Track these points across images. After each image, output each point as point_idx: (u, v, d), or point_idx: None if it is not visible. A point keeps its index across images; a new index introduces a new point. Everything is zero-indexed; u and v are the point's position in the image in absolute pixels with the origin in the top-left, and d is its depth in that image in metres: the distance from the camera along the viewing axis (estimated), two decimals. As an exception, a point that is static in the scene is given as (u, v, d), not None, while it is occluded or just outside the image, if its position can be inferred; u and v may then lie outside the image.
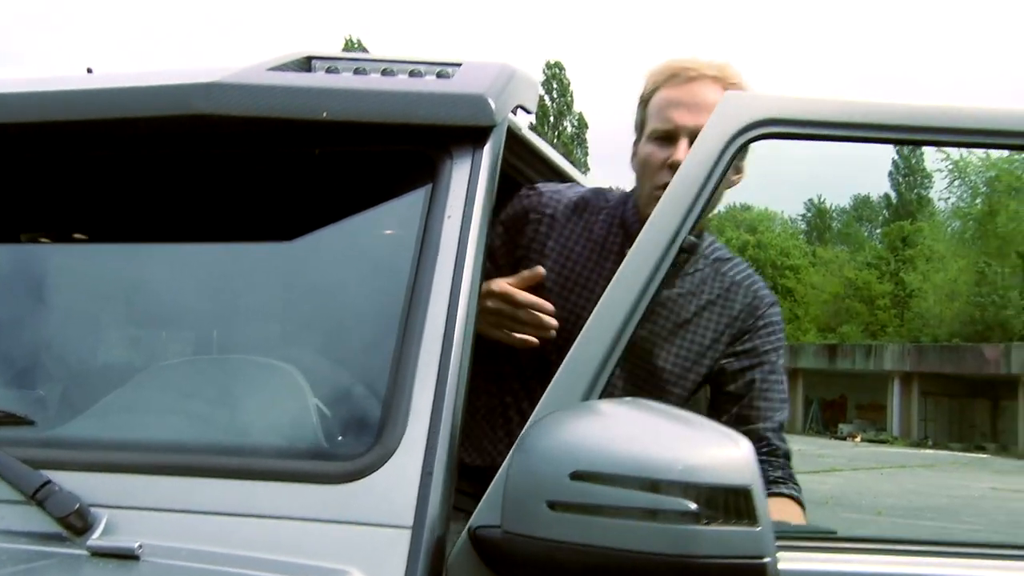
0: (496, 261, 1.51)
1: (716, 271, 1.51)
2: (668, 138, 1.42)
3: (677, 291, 1.47)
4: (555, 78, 45.21)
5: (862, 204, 42.14)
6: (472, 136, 1.19)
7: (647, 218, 1.40)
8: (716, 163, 1.12)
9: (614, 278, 1.07)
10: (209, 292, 1.28)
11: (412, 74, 1.26)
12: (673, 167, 1.39)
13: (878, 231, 41.28)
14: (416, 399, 1.01)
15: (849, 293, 33.51)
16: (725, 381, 1.49)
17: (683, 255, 1.12)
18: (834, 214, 44.22)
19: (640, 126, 1.49)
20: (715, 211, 1.56)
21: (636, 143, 1.51)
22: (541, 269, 1.44)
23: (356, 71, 1.24)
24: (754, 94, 1.19)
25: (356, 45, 38.78)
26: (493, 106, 1.19)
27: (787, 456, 1.48)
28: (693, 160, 1.12)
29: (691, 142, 1.35)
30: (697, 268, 1.50)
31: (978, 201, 29.59)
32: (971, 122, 1.15)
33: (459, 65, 1.30)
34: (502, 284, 1.40)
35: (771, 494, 1.31)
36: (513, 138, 1.46)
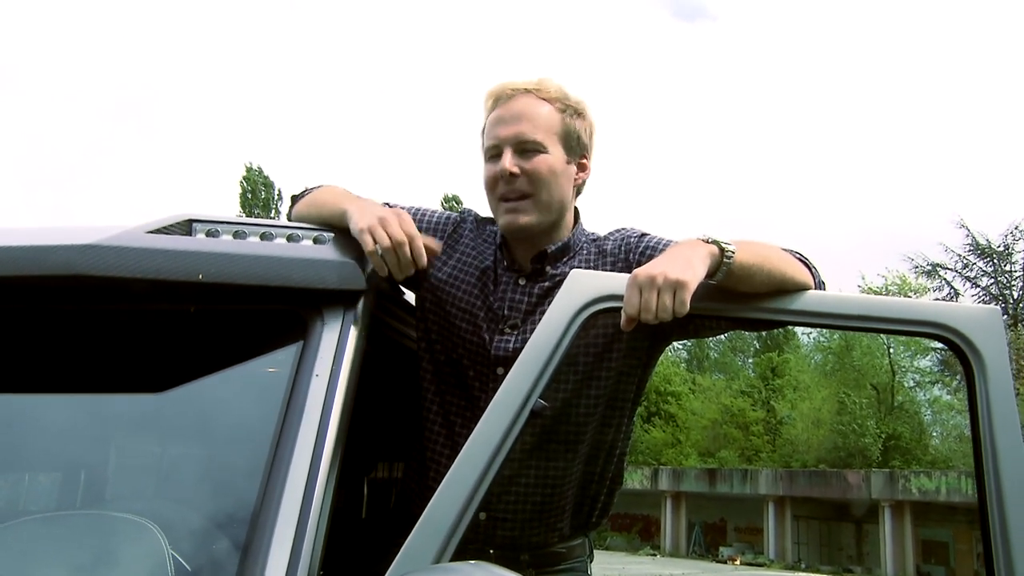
0: None
1: (595, 248, 1.56)
2: (496, 154, 1.50)
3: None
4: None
5: (736, 336, 44.73)
6: (343, 299, 1.27)
7: (500, 228, 1.51)
8: (564, 333, 1.25)
9: (469, 439, 1.14)
10: (80, 444, 1.27)
11: (290, 239, 1.35)
12: (502, 176, 1.47)
13: (750, 361, 43.71)
14: (272, 558, 1.04)
15: (726, 419, 34.81)
16: None
17: (534, 418, 1.20)
18: (711, 344, 46.67)
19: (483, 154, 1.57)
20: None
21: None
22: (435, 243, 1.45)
23: (236, 235, 1.31)
24: (597, 274, 1.34)
25: (257, 171, 38.86)
26: (363, 272, 1.29)
27: None
28: (544, 330, 1.24)
29: (514, 150, 1.49)
30: (579, 251, 1.55)
31: (836, 337, 32.10)
32: (787, 303, 1.32)
33: (334, 232, 1.40)
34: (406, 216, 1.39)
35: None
36: (390, 300, 1.55)
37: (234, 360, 1.28)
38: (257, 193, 38.65)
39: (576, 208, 1.61)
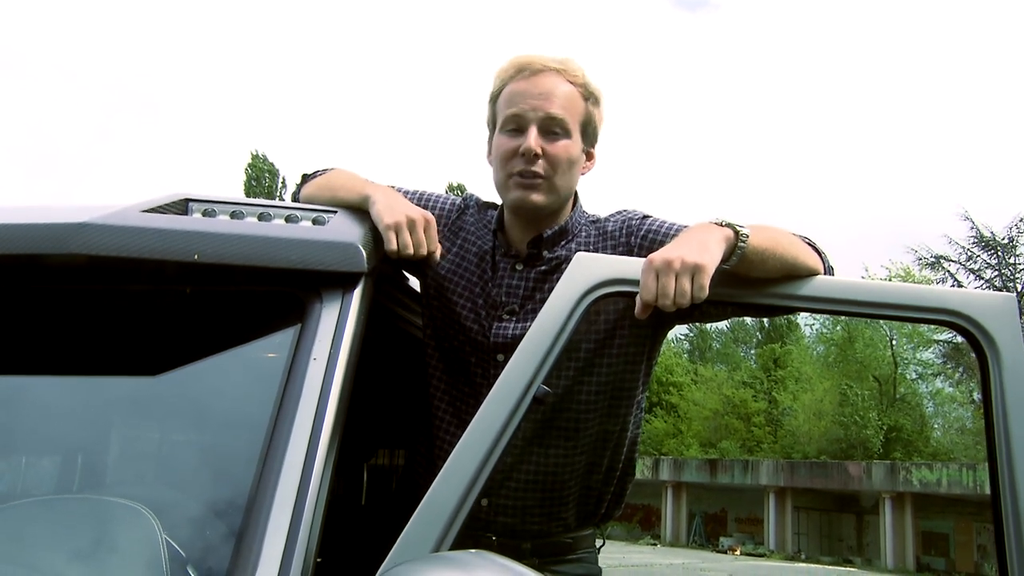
0: None
1: (596, 229, 1.54)
2: (518, 128, 1.47)
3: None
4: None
5: (738, 327, 44.82)
6: (343, 281, 1.24)
7: (507, 203, 1.49)
8: (568, 318, 1.22)
9: (470, 426, 1.12)
10: (71, 428, 1.25)
11: (288, 219, 1.32)
12: (524, 154, 1.45)
13: (752, 352, 43.75)
14: (268, 544, 1.01)
15: (727, 410, 34.87)
16: None
17: (537, 405, 1.17)
18: (714, 335, 46.73)
19: (492, 122, 1.54)
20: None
21: (490, 139, 1.55)
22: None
23: (233, 215, 1.28)
24: (602, 257, 1.30)
25: (262, 159, 38.81)
26: (364, 254, 1.26)
27: None
28: (547, 315, 1.21)
29: (540, 129, 1.46)
30: (578, 233, 1.52)
31: (839, 328, 32.08)
32: (798, 289, 1.29)
33: (335, 212, 1.38)
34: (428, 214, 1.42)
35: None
36: (391, 283, 1.52)
37: (230, 343, 1.26)
38: (262, 181, 38.60)
39: (575, 192, 1.58)
